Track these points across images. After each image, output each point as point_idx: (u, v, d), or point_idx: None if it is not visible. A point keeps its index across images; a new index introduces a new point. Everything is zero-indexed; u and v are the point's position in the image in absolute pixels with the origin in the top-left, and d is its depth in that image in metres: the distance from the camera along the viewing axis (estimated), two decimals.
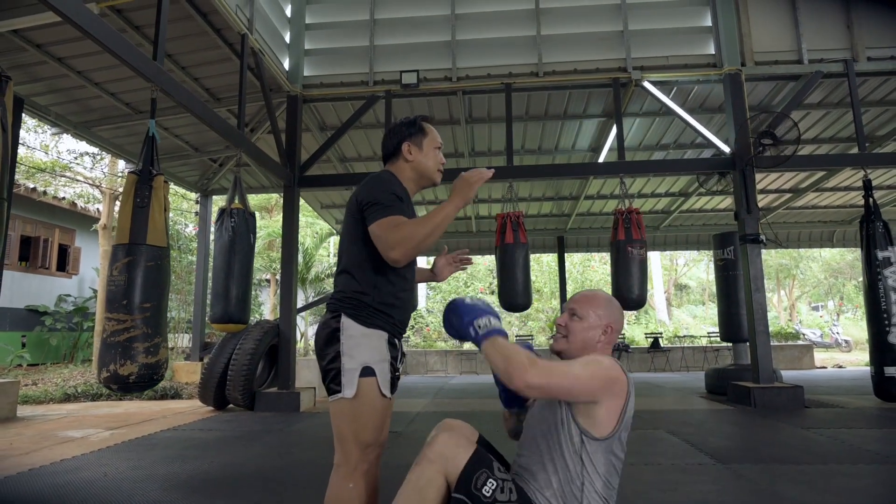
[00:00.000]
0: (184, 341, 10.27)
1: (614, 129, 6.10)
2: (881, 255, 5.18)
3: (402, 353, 1.65)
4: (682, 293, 25.48)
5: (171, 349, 9.16)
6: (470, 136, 7.42)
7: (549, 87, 6.14)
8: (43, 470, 3.08)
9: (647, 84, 5.83)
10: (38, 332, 9.60)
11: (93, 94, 5.75)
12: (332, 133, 6.65)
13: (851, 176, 8.62)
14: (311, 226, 14.40)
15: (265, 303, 14.70)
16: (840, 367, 11.14)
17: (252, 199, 12.77)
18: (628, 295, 5.41)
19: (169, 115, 6.23)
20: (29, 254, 10.20)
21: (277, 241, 13.26)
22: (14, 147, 4.87)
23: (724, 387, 5.98)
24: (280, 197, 13.31)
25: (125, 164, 9.12)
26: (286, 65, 6.12)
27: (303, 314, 12.75)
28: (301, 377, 6.21)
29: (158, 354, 3.14)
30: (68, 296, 10.76)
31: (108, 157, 9.37)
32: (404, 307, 1.62)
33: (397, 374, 1.59)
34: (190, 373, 7.48)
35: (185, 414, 5.31)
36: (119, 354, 3.01)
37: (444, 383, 8.88)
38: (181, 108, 4.18)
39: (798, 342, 13.58)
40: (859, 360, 12.08)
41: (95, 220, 10.08)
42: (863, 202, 5.50)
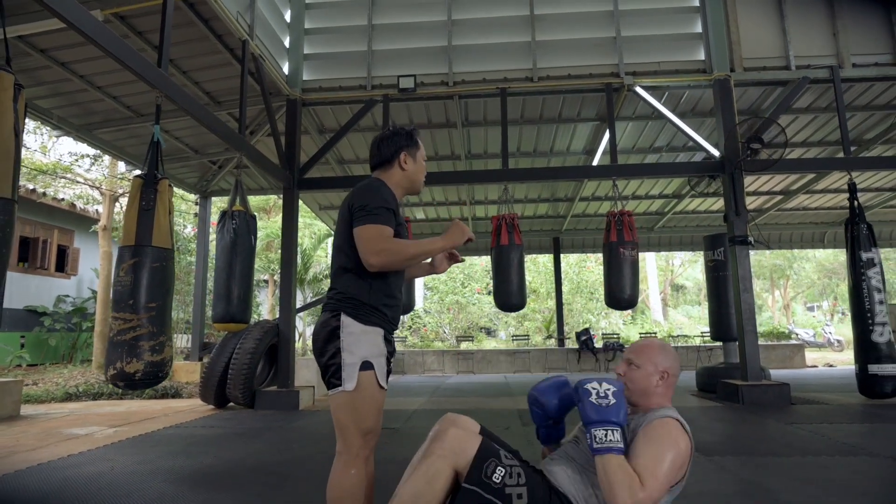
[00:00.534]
0: (183, 341, 10.35)
1: (608, 133, 6.23)
2: (865, 256, 5.33)
3: (394, 349, 1.77)
4: (679, 293, 25.68)
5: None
6: (466, 139, 7.54)
7: (544, 92, 6.27)
8: (51, 465, 3.18)
9: (638, 89, 5.97)
10: (37, 333, 9.66)
11: (95, 97, 5.85)
12: (330, 136, 6.76)
13: (841, 178, 8.75)
14: (309, 226, 14.48)
15: (263, 303, 14.77)
16: (830, 365, 11.31)
17: (250, 200, 12.81)
18: (620, 295, 5.55)
19: (169, 118, 6.32)
20: (28, 254, 10.27)
21: (275, 242, 13.35)
22: None
23: (714, 385, 6.12)
24: (278, 198, 13.42)
25: (125, 166, 9.20)
26: (286, 69, 6.23)
27: (300, 315, 12.83)
28: (300, 376, 6.32)
29: (163, 352, 3.25)
30: (67, 296, 10.83)
31: (107, 158, 9.44)
32: (397, 306, 1.77)
33: (390, 368, 1.73)
34: (189, 372, 7.57)
35: (187, 412, 5.41)
36: (125, 352, 3.12)
37: (441, 382, 8.99)
38: (184, 112, 4.29)
39: (791, 342, 13.75)
40: (851, 360, 12.19)
41: (94, 221, 10.16)
42: None
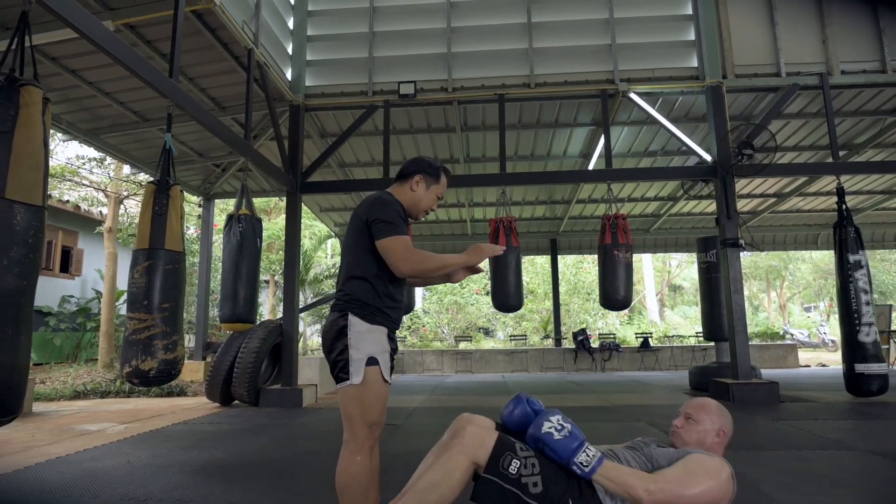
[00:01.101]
0: (186, 341, 10.48)
1: (603, 137, 6.39)
2: (852, 258, 5.49)
3: (396, 346, 1.95)
4: (676, 294, 25.86)
5: None
6: (465, 143, 7.70)
7: (541, 98, 6.44)
8: (69, 458, 3.33)
9: (633, 95, 6.13)
10: (43, 333, 9.79)
11: (103, 103, 6.00)
12: (332, 140, 6.92)
13: (833, 181, 8.88)
14: (310, 227, 14.63)
15: (264, 303, 14.92)
16: (823, 365, 11.48)
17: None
18: (614, 296, 5.71)
19: (175, 123, 6.36)
20: None
21: (276, 242, 13.50)
22: None
23: (706, 383, 6.27)
24: (279, 200, 13.56)
25: (130, 169, 9.34)
26: (289, 75, 6.38)
27: (301, 315, 12.97)
28: (303, 375, 6.48)
29: (176, 351, 3.40)
30: (71, 296, 10.97)
31: (112, 161, 9.58)
32: (399, 308, 1.94)
33: (393, 364, 1.89)
34: (193, 371, 7.73)
35: (193, 409, 5.56)
36: (140, 351, 3.27)
37: (440, 382, 9.15)
38: (192, 119, 4.44)
39: (785, 342, 13.93)
40: None
41: (98, 223, 10.30)
42: None
